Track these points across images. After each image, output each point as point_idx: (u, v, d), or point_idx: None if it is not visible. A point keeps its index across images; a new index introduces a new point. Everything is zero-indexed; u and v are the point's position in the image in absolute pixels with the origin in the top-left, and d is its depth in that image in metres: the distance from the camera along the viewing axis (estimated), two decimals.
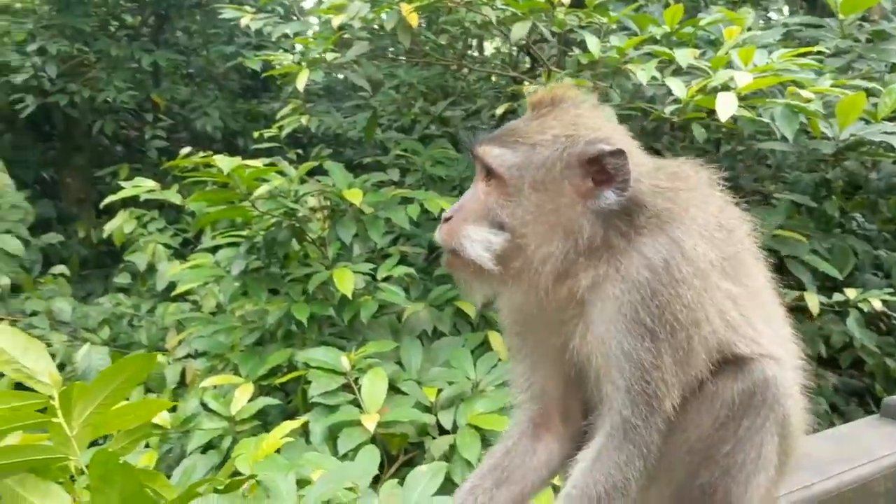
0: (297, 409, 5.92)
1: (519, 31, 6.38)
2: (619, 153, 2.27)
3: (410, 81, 9.61)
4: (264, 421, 5.73)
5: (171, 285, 8.38)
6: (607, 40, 6.34)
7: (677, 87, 5.64)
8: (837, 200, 7.88)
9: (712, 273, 2.33)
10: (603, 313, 2.29)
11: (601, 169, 2.28)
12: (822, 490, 3.11)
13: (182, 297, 8.41)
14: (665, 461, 2.36)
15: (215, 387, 5.83)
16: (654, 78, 5.81)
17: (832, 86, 5.97)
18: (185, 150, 7.10)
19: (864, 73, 7.27)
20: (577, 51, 6.55)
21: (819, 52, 6.71)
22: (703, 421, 2.38)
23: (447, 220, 2.38)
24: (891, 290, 6.66)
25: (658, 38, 6.45)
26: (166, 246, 9.47)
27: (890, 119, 6.51)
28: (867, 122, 6.41)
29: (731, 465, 2.38)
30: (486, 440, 5.12)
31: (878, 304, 5.84)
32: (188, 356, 7.38)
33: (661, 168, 2.44)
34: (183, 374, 7.21)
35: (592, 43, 6.05)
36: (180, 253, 9.54)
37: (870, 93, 6.11)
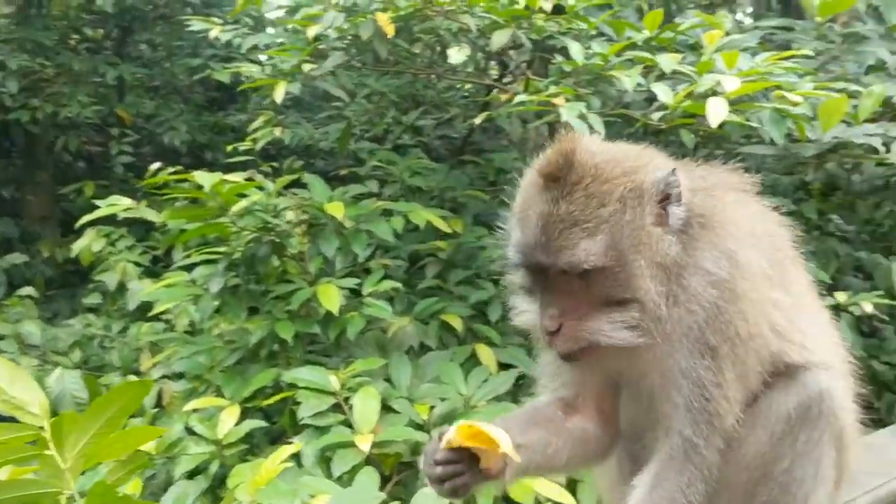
0: (284, 431, 5.76)
1: (500, 38, 6.30)
2: (674, 173, 2.26)
3: (382, 91, 9.49)
4: (250, 444, 5.57)
5: (143, 305, 8.17)
6: (589, 46, 6.28)
7: (664, 92, 5.59)
8: (816, 202, 7.91)
9: (764, 283, 2.30)
10: (669, 335, 2.22)
11: (664, 193, 2.26)
12: None
13: (155, 316, 8.20)
14: (722, 482, 2.31)
15: (195, 410, 5.65)
16: (639, 84, 5.76)
17: (814, 88, 5.98)
18: (155, 165, 6.94)
19: (839, 75, 7.30)
20: (559, 58, 6.46)
21: (804, 56, 6.73)
22: (760, 437, 2.32)
23: (554, 332, 2.25)
24: (878, 292, 6.67)
25: (639, 43, 6.41)
26: (136, 264, 9.23)
27: (870, 121, 6.55)
28: (848, 124, 6.44)
29: (790, 482, 2.32)
30: None
31: (869, 308, 5.82)
32: (164, 378, 7.17)
33: (692, 172, 2.40)
34: (159, 396, 7.01)
35: (575, 49, 5.98)
36: (151, 271, 9.31)
37: (850, 95, 6.12)
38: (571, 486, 5.13)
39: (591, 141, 2.37)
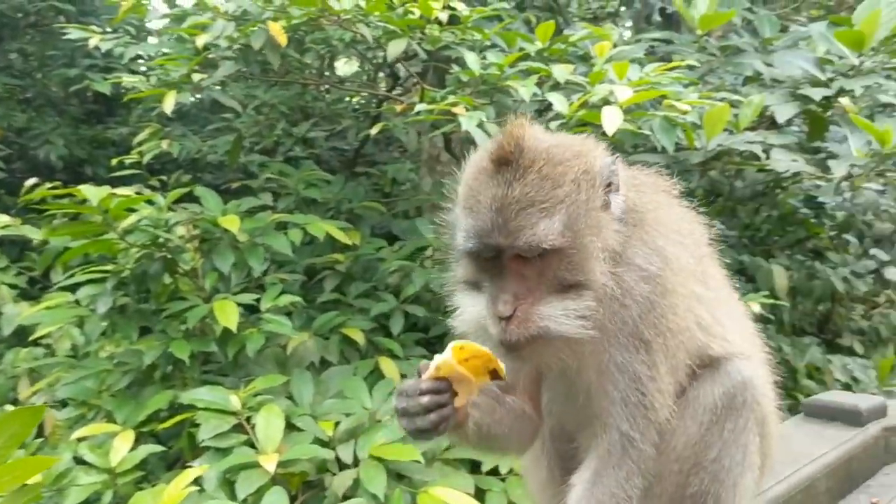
0: (181, 456, 5.57)
1: (396, 48, 6.29)
2: (615, 161, 2.32)
3: (272, 102, 9.35)
4: (145, 471, 5.35)
5: (18, 330, 7.75)
6: (484, 57, 6.34)
7: (559, 102, 5.70)
8: (701, 208, 8.21)
9: (689, 279, 2.37)
10: (603, 331, 2.24)
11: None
12: (776, 495, 3.16)
13: (34, 341, 7.79)
14: (655, 473, 2.36)
15: (84, 438, 5.39)
16: (535, 94, 5.85)
17: (699, 98, 6.22)
18: (31, 181, 6.62)
19: (718, 85, 7.62)
20: (455, 68, 6.50)
21: (688, 67, 6.99)
22: (689, 428, 2.39)
23: (508, 318, 2.19)
24: (763, 293, 6.97)
25: (531, 54, 6.51)
26: (10, 286, 8.75)
27: (750, 129, 6.87)
28: (730, 132, 6.72)
29: (719, 469, 2.39)
30: (391, 472, 4.98)
31: (757, 308, 6.07)
32: (45, 405, 6.81)
33: (624, 169, 2.46)
34: (40, 426, 6.65)
35: (471, 59, 6.04)
36: (27, 293, 8.85)
37: (731, 104, 6.39)
38: (480, 496, 5.16)
39: (537, 128, 2.37)
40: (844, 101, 7.04)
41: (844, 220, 9.42)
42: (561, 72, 6.00)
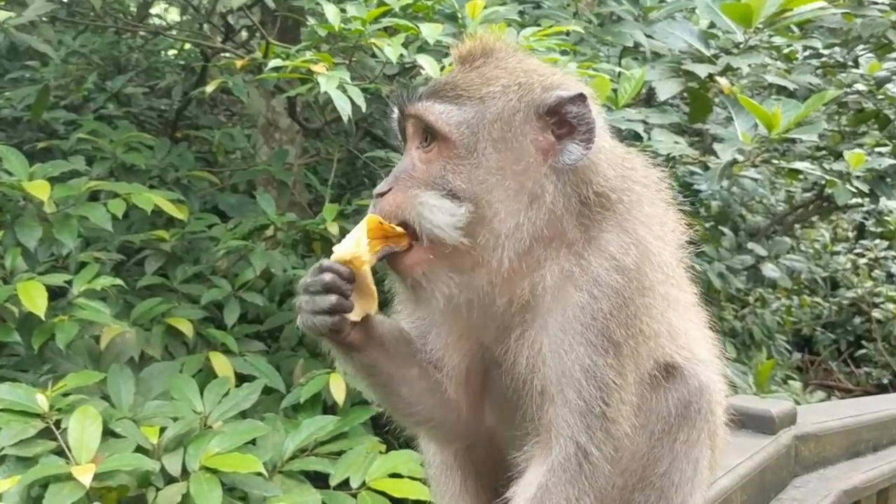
0: None
1: None
2: (580, 98, 2.24)
3: (83, 50, 8.93)
4: None
5: None
6: (343, 10, 6.26)
7: (430, 65, 5.70)
8: None
9: (668, 278, 2.38)
10: (565, 323, 2.21)
11: (561, 120, 2.24)
12: None
13: None
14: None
15: None
16: (401, 56, 5.83)
17: (577, 68, 6.35)
18: None
19: (591, 56, 7.82)
20: (311, 21, 6.39)
21: (562, 32, 7.12)
22: (639, 439, 2.37)
23: (382, 194, 2.26)
24: None
25: (396, 10, 6.48)
26: None
27: (629, 106, 7.07)
28: (609, 108, 6.89)
29: (668, 486, 2.40)
30: (226, 486, 4.88)
31: None
32: None
33: (616, 148, 2.45)
34: None
35: (331, 12, 5.94)
36: None
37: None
38: None
39: (528, 55, 2.46)
40: (723, 80, 7.36)
41: (720, 210, 9.87)
42: (430, 31, 5.99)
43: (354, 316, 2.32)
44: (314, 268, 2.31)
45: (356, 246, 2.26)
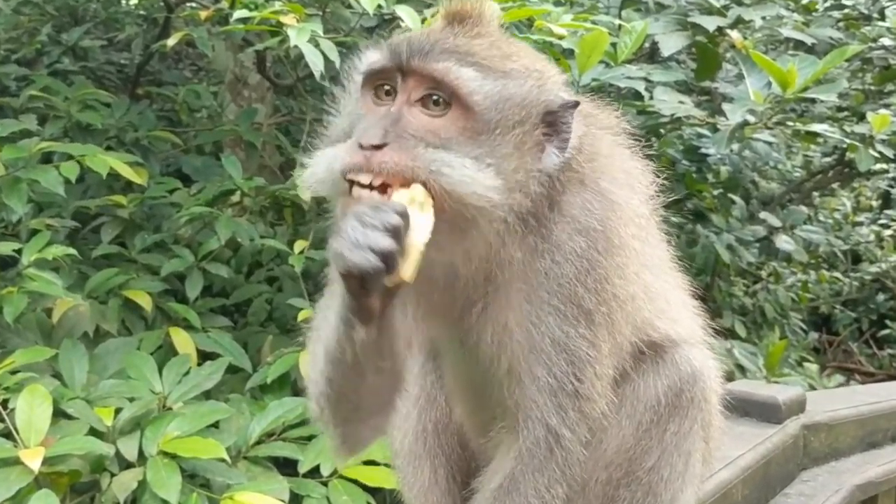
0: None
1: None
2: (575, 106, 2.22)
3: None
4: None
5: None
6: None
7: (410, 17, 5.69)
8: None
9: (640, 232, 2.33)
10: (530, 292, 2.19)
11: (554, 122, 2.21)
12: None
13: None
14: (580, 482, 2.31)
15: None
16: (379, 6, 5.82)
17: (573, 20, 6.33)
18: None
19: (590, 7, 7.80)
20: None
21: None
22: (624, 429, 2.36)
23: (378, 147, 2.05)
24: None
25: None
26: None
27: (630, 62, 7.03)
28: (608, 65, 6.86)
29: (656, 481, 2.37)
30: (186, 472, 4.93)
31: None
32: None
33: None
34: None
35: None
36: None
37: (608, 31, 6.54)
38: (296, 503, 5.18)
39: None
40: (734, 34, 7.34)
41: (730, 177, 9.85)
42: None
43: (394, 277, 2.00)
44: (373, 204, 1.98)
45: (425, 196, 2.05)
